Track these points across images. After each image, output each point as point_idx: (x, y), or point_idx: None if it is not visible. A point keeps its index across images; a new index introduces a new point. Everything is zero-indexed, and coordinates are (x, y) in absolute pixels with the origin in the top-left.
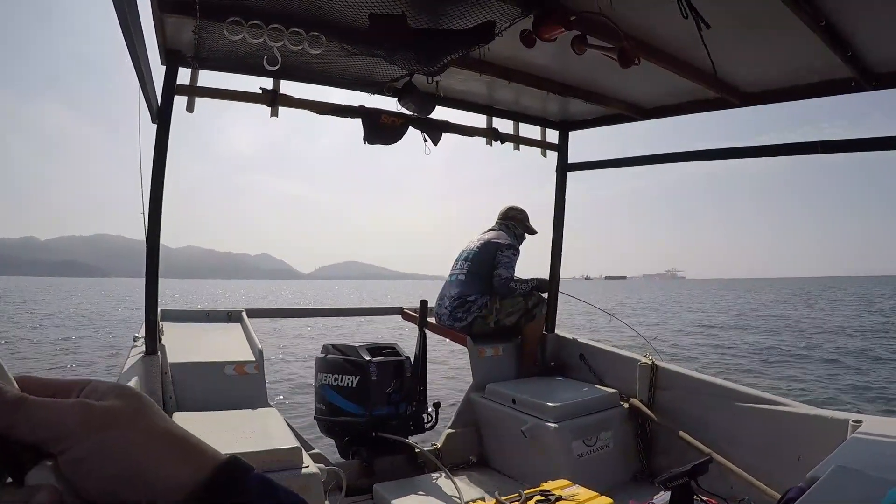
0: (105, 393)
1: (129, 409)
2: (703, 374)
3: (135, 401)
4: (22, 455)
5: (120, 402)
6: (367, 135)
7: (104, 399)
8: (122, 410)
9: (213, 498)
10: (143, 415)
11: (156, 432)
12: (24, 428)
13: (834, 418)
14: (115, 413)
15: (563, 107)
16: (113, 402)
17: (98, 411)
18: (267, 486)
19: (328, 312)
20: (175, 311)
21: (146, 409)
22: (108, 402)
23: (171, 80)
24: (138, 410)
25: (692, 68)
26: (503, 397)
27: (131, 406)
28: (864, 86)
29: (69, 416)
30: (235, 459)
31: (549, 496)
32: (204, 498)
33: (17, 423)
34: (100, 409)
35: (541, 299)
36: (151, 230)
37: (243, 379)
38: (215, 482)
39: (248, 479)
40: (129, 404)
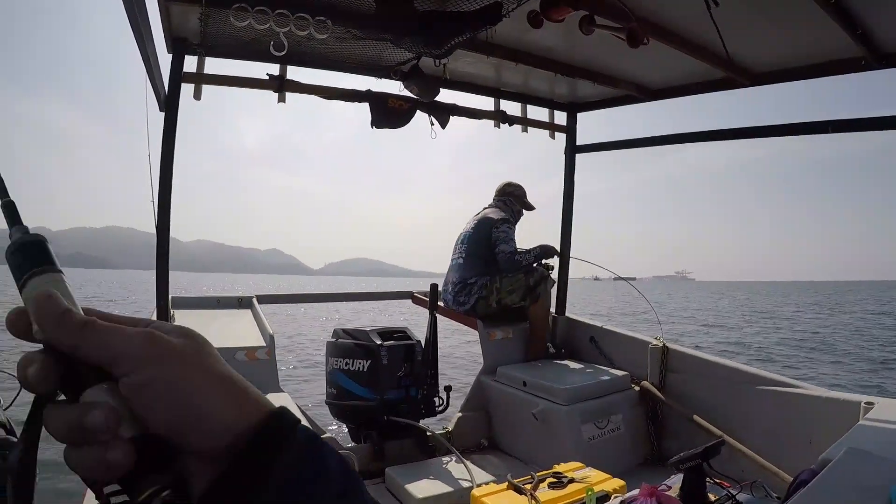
0: (170, 330)
1: (192, 347)
2: (715, 357)
3: (197, 341)
4: (82, 375)
5: (184, 340)
6: (375, 119)
7: (170, 335)
8: (185, 347)
9: (260, 443)
10: (204, 355)
11: (214, 373)
12: (90, 348)
13: (846, 400)
14: (179, 348)
15: (571, 88)
16: (178, 339)
17: (163, 342)
18: (312, 440)
19: (339, 297)
20: (186, 297)
21: (207, 351)
22: (173, 338)
23: (178, 68)
24: (199, 350)
25: (701, 48)
26: (514, 380)
27: (194, 345)
28: (874, 65)
29: (135, 342)
30: (284, 410)
31: (561, 478)
32: (251, 441)
33: (83, 343)
34: (165, 341)
35: (543, 276)
36: (161, 216)
37: (254, 364)
38: (264, 428)
39: (294, 430)
40: (192, 343)
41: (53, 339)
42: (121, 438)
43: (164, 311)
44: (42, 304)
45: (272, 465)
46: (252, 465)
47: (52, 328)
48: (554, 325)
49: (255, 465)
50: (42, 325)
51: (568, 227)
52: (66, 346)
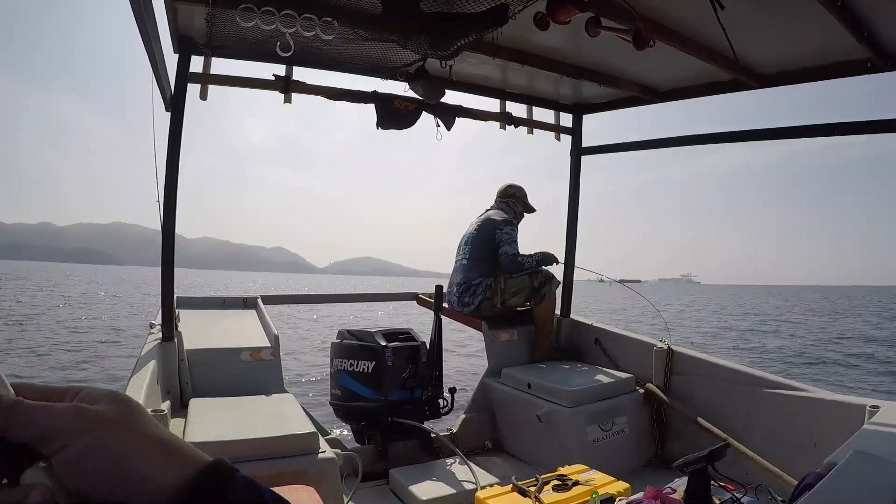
0: (98, 398)
1: (121, 412)
2: (719, 359)
3: (126, 405)
4: (18, 457)
5: (112, 405)
6: (381, 120)
7: (97, 403)
8: (113, 413)
9: (199, 497)
10: (134, 418)
11: (145, 434)
12: (19, 429)
13: (851, 403)
14: (107, 416)
15: (576, 90)
16: (105, 405)
17: (90, 413)
18: (252, 488)
19: (343, 298)
20: (191, 297)
21: (136, 414)
22: (100, 406)
23: (184, 68)
24: (129, 414)
25: (708, 50)
26: (518, 382)
27: (122, 410)
28: (881, 66)
29: (62, 417)
30: (220, 462)
31: (565, 480)
32: (190, 497)
33: (12, 425)
34: (92, 411)
35: (548, 277)
36: (167, 217)
37: (259, 365)
38: (201, 482)
39: (233, 480)
40: (120, 408)
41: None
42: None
43: (169, 312)
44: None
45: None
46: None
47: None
48: (558, 326)
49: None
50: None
51: (573, 229)
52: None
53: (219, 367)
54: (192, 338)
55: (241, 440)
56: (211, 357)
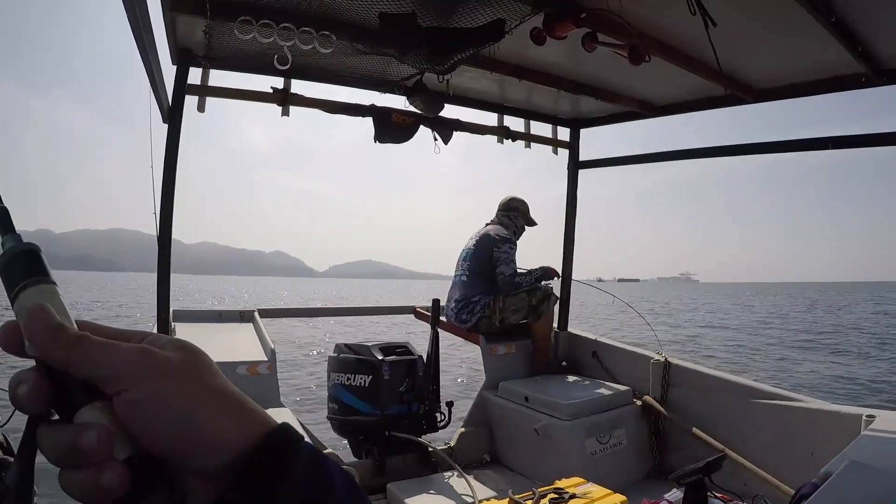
0: (166, 344)
1: (189, 362)
2: (716, 371)
3: (195, 355)
4: (75, 394)
5: (180, 354)
6: (378, 134)
7: (165, 349)
8: (181, 362)
9: (262, 461)
10: (202, 369)
11: (212, 388)
12: (83, 365)
13: (847, 413)
14: (175, 363)
15: (574, 104)
16: (174, 353)
17: (159, 358)
18: (316, 457)
19: (340, 312)
20: (187, 311)
21: (205, 365)
22: (169, 352)
23: (182, 80)
24: (197, 364)
25: (703, 65)
26: (516, 395)
27: (191, 360)
28: (876, 81)
29: (130, 358)
30: (287, 427)
31: (562, 494)
32: (251, 460)
33: (76, 360)
34: (161, 356)
35: (546, 294)
36: (163, 230)
37: (256, 379)
38: (264, 446)
39: (297, 448)
40: (188, 358)
41: (45, 355)
42: (115, 460)
43: (165, 325)
44: (34, 317)
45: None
46: (254, 484)
47: (43, 343)
48: (556, 340)
49: (258, 484)
50: (33, 340)
51: (570, 242)
52: (58, 362)
53: None
54: None
55: None
56: None
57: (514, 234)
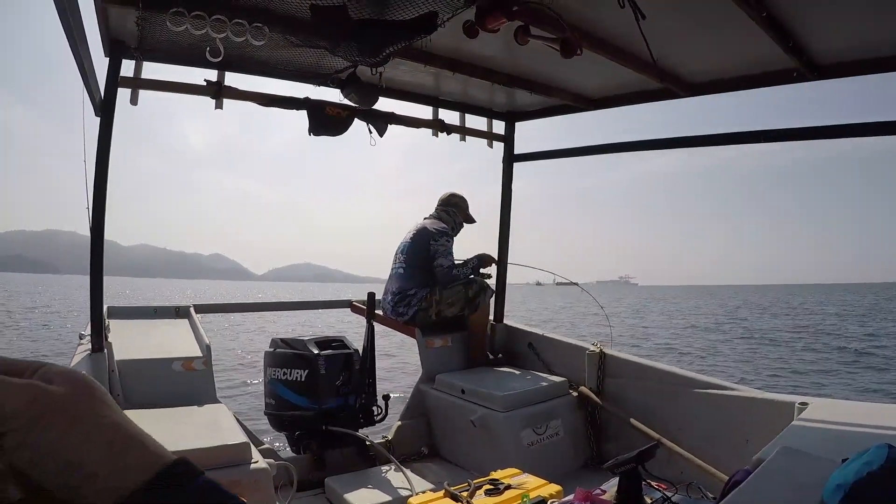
0: (57, 377)
1: (79, 397)
2: (651, 361)
3: (86, 389)
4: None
5: (71, 388)
6: (313, 126)
7: (55, 383)
8: (71, 397)
9: (154, 499)
10: (93, 404)
11: (103, 424)
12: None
13: (781, 401)
14: (64, 400)
15: (509, 97)
16: (64, 388)
17: (47, 395)
18: (213, 491)
19: (277, 306)
20: (122, 307)
21: (97, 399)
22: (59, 387)
23: (115, 73)
24: (88, 399)
25: (636, 59)
26: (452, 388)
27: (82, 394)
28: (808, 76)
29: (17, 395)
30: (183, 461)
31: (497, 485)
32: (145, 499)
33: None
34: (48, 393)
35: (482, 287)
36: (96, 224)
37: (191, 375)
38: (158, 483)
39: (193, 482)
40: (79, 392)
41: None
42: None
43: (99, 322)
44: None
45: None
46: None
47: None
48: (493, 332)
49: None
50: None
51: (506, 235)
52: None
53: (150, 377)
54: (122, 348)
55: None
56: (142, 367)
57: (452, 229)
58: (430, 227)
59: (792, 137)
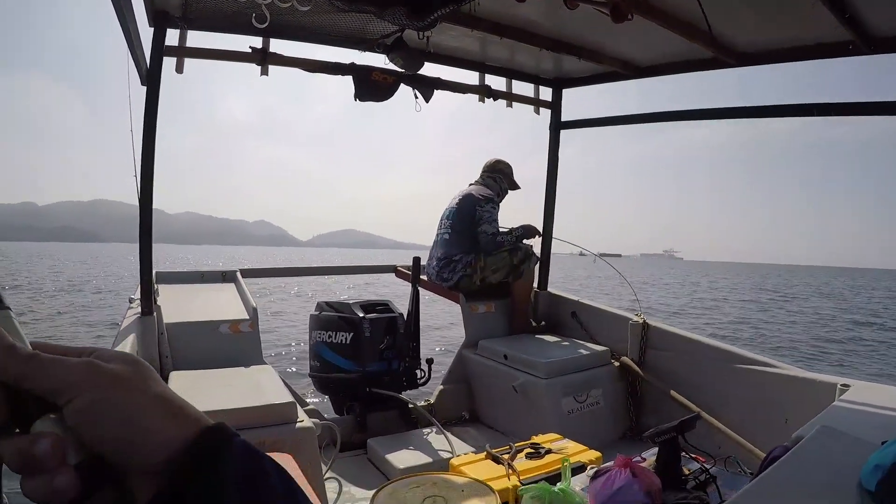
0: (110, 358)
1: (130, 372)
2: (694, 334)
3: (136, 366)
4: (30, 408)
5: (123, 366)
6: (359, 91)
7: (110, 363)
8: (123, 372)
9: (197, 457)
10: (143, 379)
11: (153, 394)
12: (34, 380)
13: (822, 382)
14: (118, 373)
15: (556, 64)
16: (117, 365)
17: (102, 369)
18: (250, 452)
19: (322, 271)
20: (170, 272)
21: (145, 374)
22: (113, 364)
23: (160, 42)
24: (139, 374)
25: (687, 26)
26: (495, 353)
27: (132, 370)
28: (863, 49)
29: (76, 371)
30: (222, 425)
31: (538, 449)
32: (189, 456)
33: (28, 375)
34: (104, 368)
35: (528, 254)
36: (144, 192)
37: (238, 337)
38: (200, 442)
39: (232, 444)
40: (130, 369)
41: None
42: (67, 465)
43: (148, 286)
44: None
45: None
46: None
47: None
48: (536, 299)
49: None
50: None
51: (551, 202)
52: (12, 378)
53: (198, 339)
54: (171, 312)
55: (220, 410)
56: (190, 330)
57: (497, 195)
58: (475, 193)
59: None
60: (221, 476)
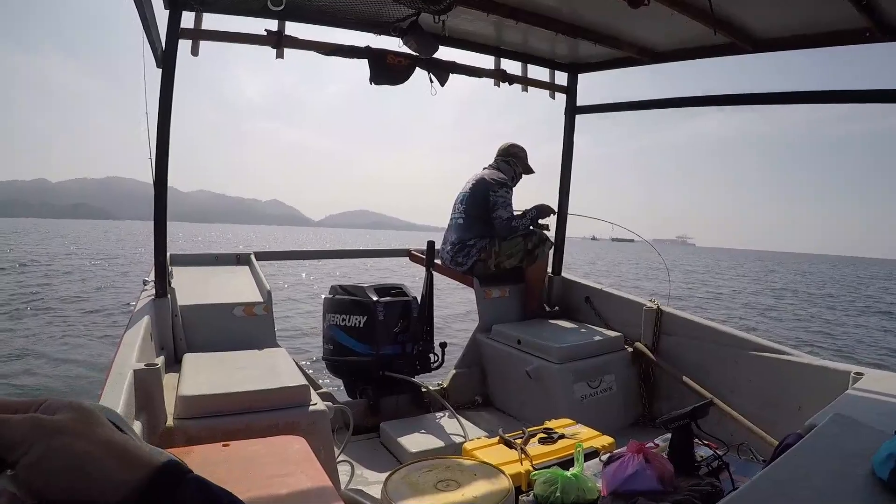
0: (58, 408)
1: (75, 420)
2: (708, 321)
3: (83, 413)
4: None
5: (70, 414)
6: (374, 75)
7: (57, 413)
8: (71, 422)
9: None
10: (88, 425)
11: (100, 441)
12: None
13: (836, 370)
14: (62, 424)
15: (572, 48)
16: (62, 415)
17: (46, 423)
18: (202, 487)
19: (336, 254)
20: (184, 254)
21: (91, 420)
22: (59, 415)
23: (175, 24)
24: (83, 421)
25: (703, 12)
26: (508, 338)
27: (80, 418)
28: (879, 37)
29: (20, 427)
30: (174, 463)
31: (551, 434)
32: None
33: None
34: (49, 420)
35: (542, 239)
36: (159, 175)
37: (252, 320)
38: (152, 481)
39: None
40: (77, 416)
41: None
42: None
43: (162, 269)
44: None
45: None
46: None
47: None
48: (550, 284)
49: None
50: None
51: (566, 187)
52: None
53: (212, 322)
54: (185, 294)
55: (234, 393)
56: (204, 312)
57: (511, 179)
58: (489, 178)
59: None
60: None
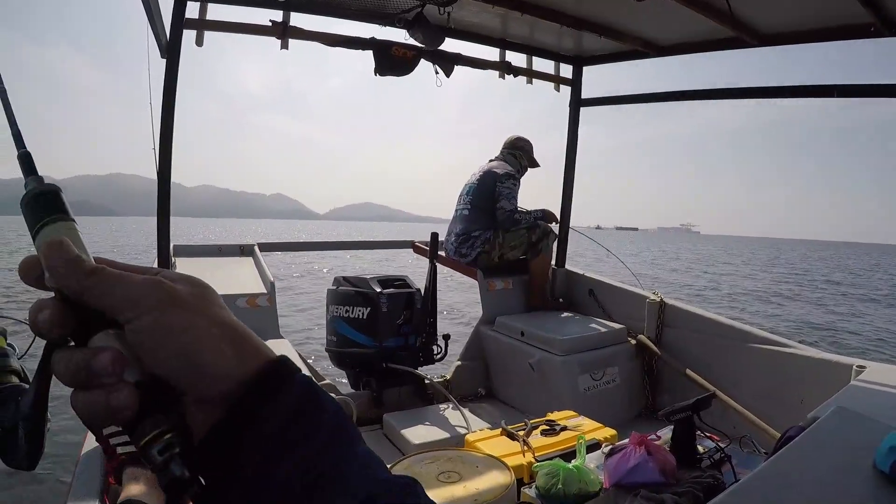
0: (177, 278)
1: (196, 294)
2: (711, 314)
3: (202, 289)
4: (90, 321)
5: (189, 287)
6: (379, 66)
7: (178, 284)
8: (189, 294)
9: (258, 390)
10: (209, 303)
11: (217, 320)
12: (97, 294)
13: (838, 362)
14: (183, 295)
15: (577, 41)
16: (183, 286)
17: (167, 289)
18: (310, 387)
19: (340, 246)
20: (188, 246)
21: (211, 299)
22: (178, 285)
23: (180, 14)
24: (204, 298)
25: (709, 5)
26: (512, 330)
27: (198, 292)
28: (884, 32)
29: (141, 288)
30: (285, 359)
31: (553, 426)
32: (249, 389)
33: (90, 289)
34: (169, 287)
35: (546, 232)
36: (162, 164)
37: (255, 311)
38: (262, 376)
39: (293, 379)
40: (196, 291)
41: (63, 285)
42: (125, 382)
43: (166, 260)
44: (53, 250)
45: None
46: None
47: (61, 274)
48: (553, 277)
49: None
50: (52, 271)
51: (570, 180)
52: (75, 291)
53: None
54: None
55: None
56: None
57: (518, 171)
58: (496, 169)
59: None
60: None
